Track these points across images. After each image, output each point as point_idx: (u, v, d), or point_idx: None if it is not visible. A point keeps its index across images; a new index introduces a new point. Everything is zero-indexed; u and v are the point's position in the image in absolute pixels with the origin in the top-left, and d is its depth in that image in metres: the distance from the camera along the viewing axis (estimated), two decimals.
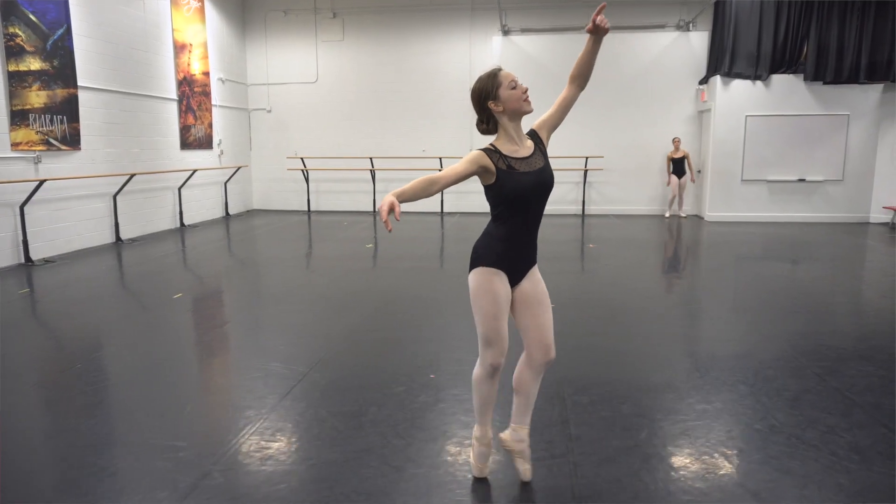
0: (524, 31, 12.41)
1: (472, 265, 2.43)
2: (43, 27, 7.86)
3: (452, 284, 6.25)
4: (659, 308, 5.43)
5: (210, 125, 12.00)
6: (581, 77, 2.55)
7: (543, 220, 2.54)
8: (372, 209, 13.36)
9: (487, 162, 2.31)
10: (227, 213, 12.75)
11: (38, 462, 2.81)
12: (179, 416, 3.27)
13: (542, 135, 2.51)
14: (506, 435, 2.59)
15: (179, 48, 10.90)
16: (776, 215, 11.55)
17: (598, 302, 5.61)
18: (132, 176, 9.28)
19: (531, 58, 12.17)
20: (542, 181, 2.38)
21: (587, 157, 12.48)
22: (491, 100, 2.35)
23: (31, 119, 7.71)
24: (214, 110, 12.17)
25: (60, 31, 8.15)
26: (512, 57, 12.15)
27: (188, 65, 11.19)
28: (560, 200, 12.79)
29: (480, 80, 2.41)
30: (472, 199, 12.79)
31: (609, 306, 5.47)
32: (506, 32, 12.42)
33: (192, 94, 11.35)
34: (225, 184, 12.63)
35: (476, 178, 2.37)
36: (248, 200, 13.85)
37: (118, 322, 5.18)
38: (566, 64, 13.27)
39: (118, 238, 9.32)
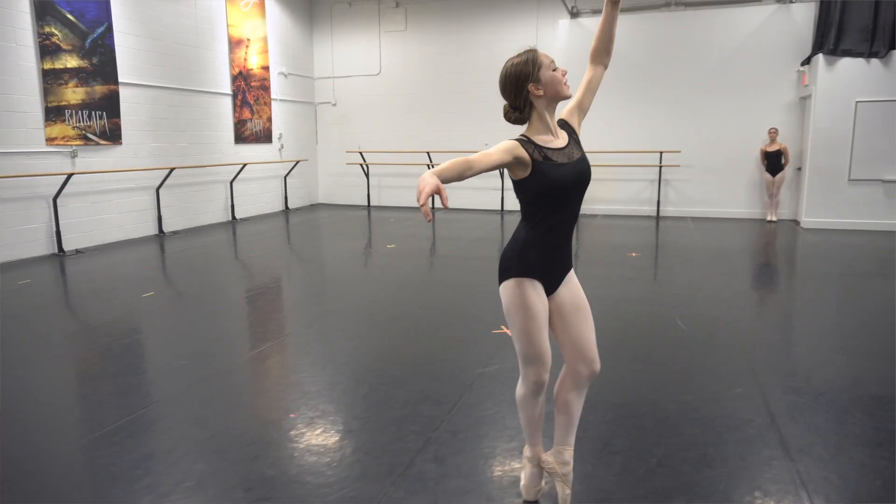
0: (595, 12, 11.24)
1: (503, 276, 2.23)
2: (81, 26, 8.13)
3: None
4: (701, 339, 4.40)
5: (269, 119, 12.09)
6: (603, 52, 2.34)
7: (610, 222, 1.96)
8: (430, 205, 12.85)
9: (522, 153, 2.08)
10: (287, 207, 12.84)
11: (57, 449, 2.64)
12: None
13: (573, 123, 2.30)
14: (549, 456, 2.42)
15: (235, 43, 11.02)
16: (893, 223, 9.52)
17: (625, 323, 4.67)
18: (172, 170, 9.47)
19: None
20: (580, 173, 2.17)
21: (661, 152, 11.09)
22: (532, 82, 2.12)
23: (66, 115, 8.02)
24: (275, 104, 12.25)
25: (101, 30, 8.41)
26: (580, 41, 11.05)
27: (245, 60, 11.30)
28: (632, 200, 11.51)
29: (516, 62, 2.15)
30: None
31: (635, 329, 4.52)
32: (574, 14, 11.33)
33: (249, 89, 11.46)
34: (285, 178, 12.71)
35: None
36: (312, 194, 13.89)
37: (110, 311, 5.09)
38: (643, 47, 12.05)
39: (161, 230, 9.57)
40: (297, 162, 12.84)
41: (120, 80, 8.73)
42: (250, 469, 2.69)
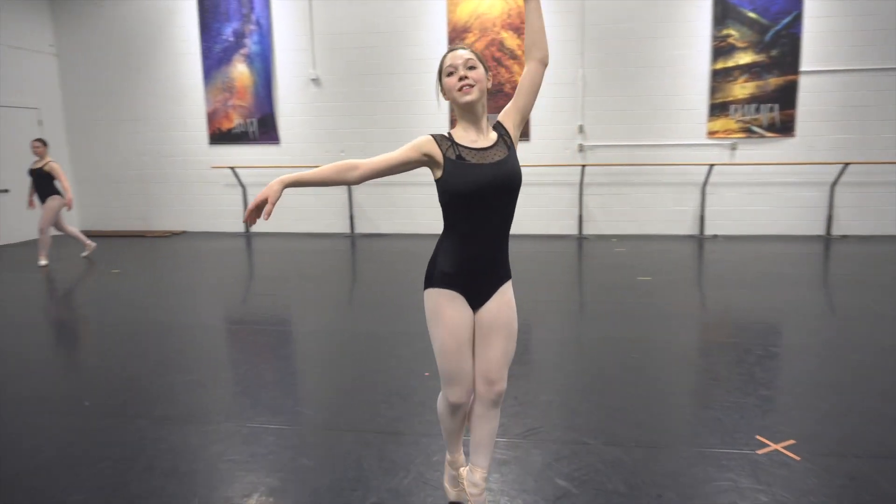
0: None
1: (425, 284, 2.04)
2: (763, 20, 8.30)
3: None
4: None
5: None
6: (533, 47, 2.00)
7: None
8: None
9: (434, 149, 1.92)
10: None
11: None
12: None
13: (508, 125, 2.04)
14: (464, 472, 2.25)
15: None
16: None
17: None
18: (846, 165, 8.26)
19: None
20: (499, 176, 1.92)
21: None
22: (439, 82, 2.03)
23: (731, 110, 8.53)
24: None
25: (787, 20, 8.28)
26: None
27: None
28: None
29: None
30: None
31: None
32: None
33: None
34: None
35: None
36: None
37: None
38: None
39: (828, 231, 8.63)
40: None
41: (801, 68, 8.34)
42: None
